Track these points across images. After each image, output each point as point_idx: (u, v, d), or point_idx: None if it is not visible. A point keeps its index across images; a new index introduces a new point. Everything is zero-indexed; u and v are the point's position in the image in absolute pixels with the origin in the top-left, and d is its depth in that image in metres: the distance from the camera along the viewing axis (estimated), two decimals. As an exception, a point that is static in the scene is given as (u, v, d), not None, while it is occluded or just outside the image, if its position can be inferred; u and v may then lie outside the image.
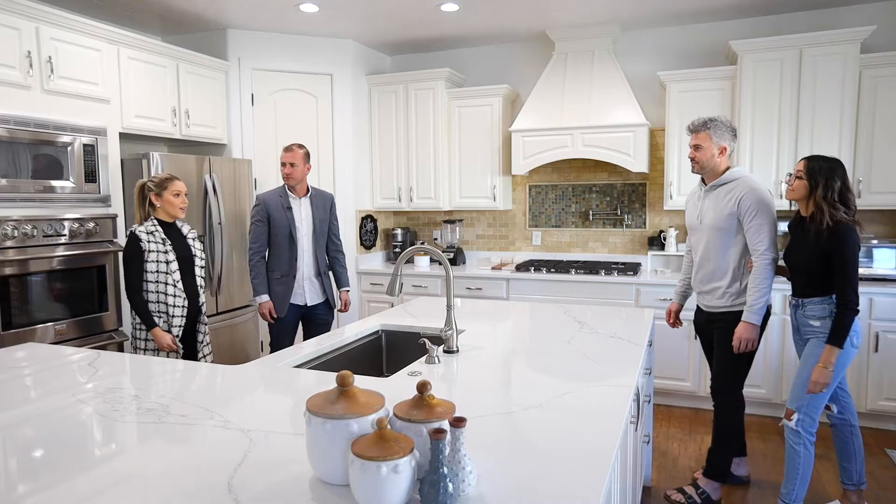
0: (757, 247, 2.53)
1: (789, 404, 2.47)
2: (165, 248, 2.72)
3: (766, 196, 2.57)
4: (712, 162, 2.65)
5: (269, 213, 3.26)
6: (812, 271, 2.41)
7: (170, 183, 2.76)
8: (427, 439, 1.10)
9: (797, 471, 2.42)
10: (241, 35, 4.24)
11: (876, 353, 3.48)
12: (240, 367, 1.91)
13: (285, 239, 3.28)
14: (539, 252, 4.83)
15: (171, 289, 2.72)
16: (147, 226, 2.73)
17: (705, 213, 2.70)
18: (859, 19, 3.83)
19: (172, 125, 3.78)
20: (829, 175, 2.36)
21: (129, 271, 2.69)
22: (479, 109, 4.57)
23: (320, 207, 3.39)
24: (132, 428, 1.39)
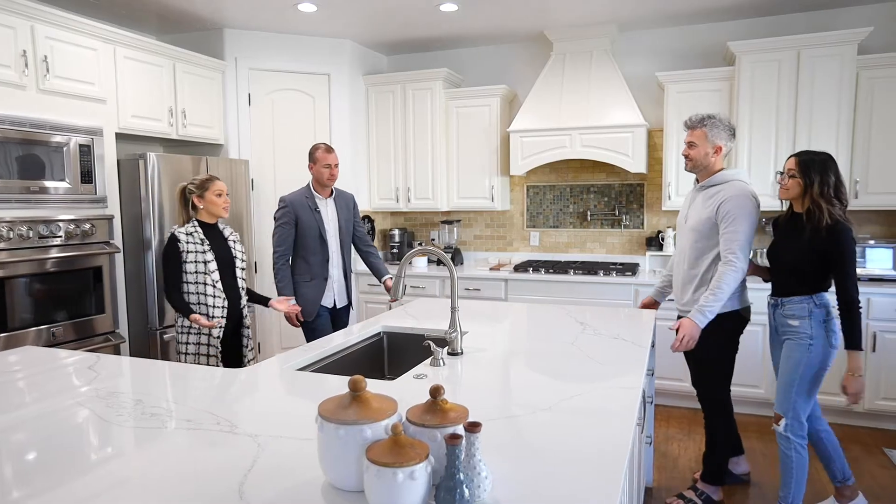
0: (727, 254, 2.45)
1: (777, 409, 2.45)
2: (204, 248, 2.68)
3: (750, 204, 2.47)
4: (706, 161, 2.58)
5: (298, 215, 3.16)
6: (800, 270, 2.38)
7: (211, 183, 2.71)
8: (441, 444, 1.08)
9: (792, 474, 2.41)
10: (238, 35, 4.21)
11: (874, 352, 3.49)
12: (242, 371, 1.89)
13: (315, 241, 3.19)
14: (537, 252, 4.83)
15: (209, 289, 2.68)
16: (187, 227, 2.69)
17: (690, 215, 2.64)
18: (856, 21, 3.85)
19: (169, 125, 3.75)
20: (822, 170, 2.32)
21: (166, 271, 2.66)
22: (477, 110, 4.56)
23: (343, 208, 3.33)
24: (136, 433, 1.37)
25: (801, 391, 2.39)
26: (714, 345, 2.58)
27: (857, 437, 3.49)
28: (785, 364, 2.41)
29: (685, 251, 2.65)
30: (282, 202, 3.19)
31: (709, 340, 2.57)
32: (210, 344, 2.71)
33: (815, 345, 2.35)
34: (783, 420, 2.41)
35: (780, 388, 2.44)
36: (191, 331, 2.70)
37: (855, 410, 3.59)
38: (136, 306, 3.51)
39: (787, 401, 2.41)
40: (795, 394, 2.39)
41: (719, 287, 2.44)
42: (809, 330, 2.37)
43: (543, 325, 2.53)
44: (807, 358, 2.36)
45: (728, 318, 2.56)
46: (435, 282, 4.48)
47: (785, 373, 2.41)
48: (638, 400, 1.59)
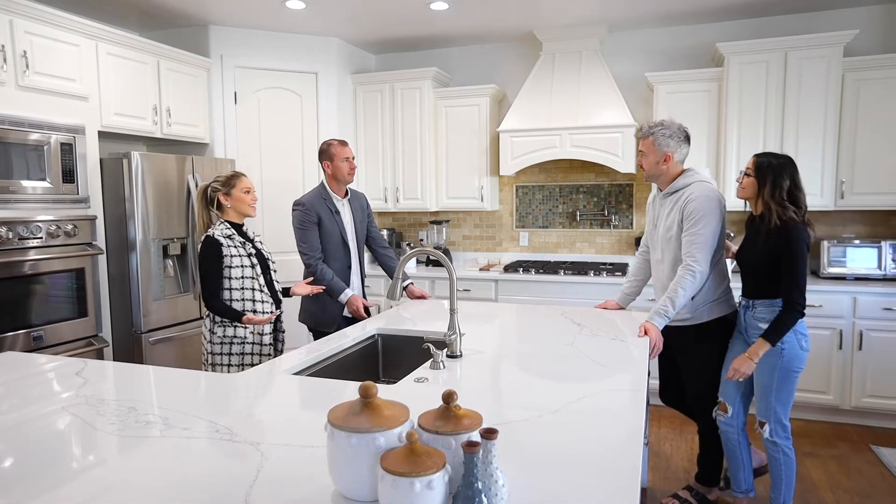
0: (687, 257, 2.40)
1: (758, 415, 2.43)
2: (247, 251, 2.52)
3: (714, 205, 2.41)
4: (656, 170, 2.53)
5: (320, 217, 2.92)
6: (759, 272, 2.38)
7: (237, 180, 2.54)
8: (456, 452, 1.05)
9: (781, 476, 2.41)
10: (223, 32, 4.13)
11: (860, 350, 3.54)
12: (237, 376, 1.84)
13: (338, 246, 2.98)
14: (526, 253, 4.82)
15: (258, 294, 2.51)
16: (221, 229, 2.49)
17: (660, 222, 2.60)
18: (842, 23, 3.90)
19: (153, 124, 3.67)
20: (777, 173, 2.31)
21: (208, 278, 2.44)
22: (467, 109, 4.53)
23: (358, 209, 3.13)
24: (131, 443, 1.31)
25: (779, 396, 2.37)
26: (707, 351, 2.57)
27: (845, 435, 3.54)
28: (761, 369, 2.38)
29: (662, 259, 2.60)
30: (300, 205, 2.93)
31: (701, 347, 2.56)
32: (261, 353, 2.55)
33: (786, 348, 2.32)
34: (766, 426, 2.40)
35: (759, 395, 2.42)
36: (234, 340, 2.50)
37: (840, 408, 3.63)
38: (119, 309, 3.42)
39: (767, 407, 2.39)
40: (775, 399, 2.37)
41: (676, 292, 2.39)
42: None
43: (539, 326, 2.51)
44: (781, 362, 2.34)
45: (718, 325, 2.54)
46: (424, 282, 4.44)
47: (762, 379, 2.39)
48: (644, 403, 1.58)
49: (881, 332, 3.50)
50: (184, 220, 3.60)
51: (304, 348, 2.21)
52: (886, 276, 3.65)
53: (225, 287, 2.48)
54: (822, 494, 2.86)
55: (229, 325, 2.49)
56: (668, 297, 2.41)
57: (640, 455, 1.25)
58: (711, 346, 2.57)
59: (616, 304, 2.88)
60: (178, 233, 3.57)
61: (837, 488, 2.92)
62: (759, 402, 2.43)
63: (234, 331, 2.50)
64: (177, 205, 3.55)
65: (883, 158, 3.67)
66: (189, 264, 3.64)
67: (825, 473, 3.07)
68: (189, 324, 3.64)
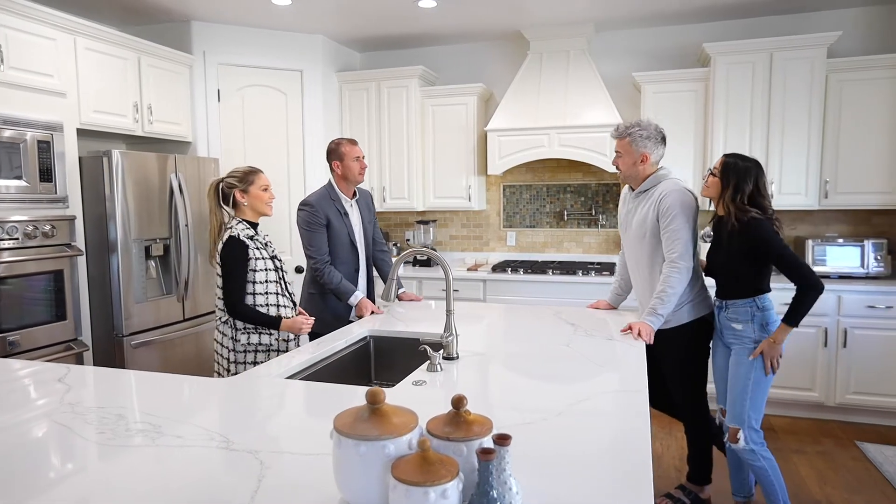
0: (670, 254, 2.39)
1: (730, 422, 2.40)
2: (269, 252, 2.41)
3: (688, 200, 2.40)
4: (633, 170, 2.51)
5: (329, 218, 2.81)
6: (727, 272, 2.37)
7: (255, 176, 2.39)
8: (467, 459, 1.02)
9: (771, 480, 2.38)
10: (206, 28, 4.05)
11: (844, 348, 3.58)
12: (229, 381, 1.78)
13: (346, 250, 2.87)
14: (514, 252, 4.81)
15: (281, 299, 2.40)
16: (242, 229, 2.36)
17: (631, 222, 2.57)
18: (826, 25, 3.95)
19: (134, 121, 3.57)
20: (740, 176, 2.29)
21: (234, 281, 2.30)
22: (454, 108, 4.50)
23: (365, 209, 3.03)
24: (123, 452, 1.26)
25: (753, 401, 2.35)
26: (690, 352, 2.55)
27: (830, 432, 3.58)
28: (736, 371, 2.37)
29: (637, 259, 2.58)
30: (308, 206, 2.81)
31: (683, 349, 2.54)
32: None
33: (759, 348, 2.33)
34: (740, 434, 2.36)
35: (732, 400, 2.39)
36: (258, 348, 2.38)
37: (825, 405, 3.68)
38: (100, 312, 3.32)
39: (741, 413, 2.36)
40: (750, 404, 2.35)
41: (664, 291, 2.38)
42: (752, 334, 2.34)
43: (533, 327, 2.49)
44: (756, 363, 2.32)
45: (698, 325, 2.53)
46: (412, 283, 4.40)
47: (736, 383, 2.37)
48: (646, 404, 1.56)
49: (865, 329, 3.55)
50: (166, 220, 3.51)
51: (296, 351, 2.15)
52: (869, 275, 3.70)
53: (248, 291, 2.35)
54: (811, 491, 2.89)
55: (254, 332, 2.37)
56: (658, 296, 2.40)
57: (650, 457, 1.23)
58: (694, 347, 2.55)
59: (607, 304, 2.87)
60: (160, 233, 3.48)
61: (826, 484, 2.95)
62: (731, 408, 2.40)
63: (260, 338, 2.38)
64: (159, 204, 3.46)
65: (865, 159, 3.72)
66: (172, 265, 3.55)
67: (813, 470, 3.10)
68: (172, 326, 3.55)
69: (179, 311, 3.61)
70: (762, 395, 2.37)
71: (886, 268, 3.71)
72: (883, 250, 3.72)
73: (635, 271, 2.64)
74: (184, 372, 3.58)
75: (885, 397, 3.56)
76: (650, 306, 2.39)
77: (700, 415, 2.61)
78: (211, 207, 2.42)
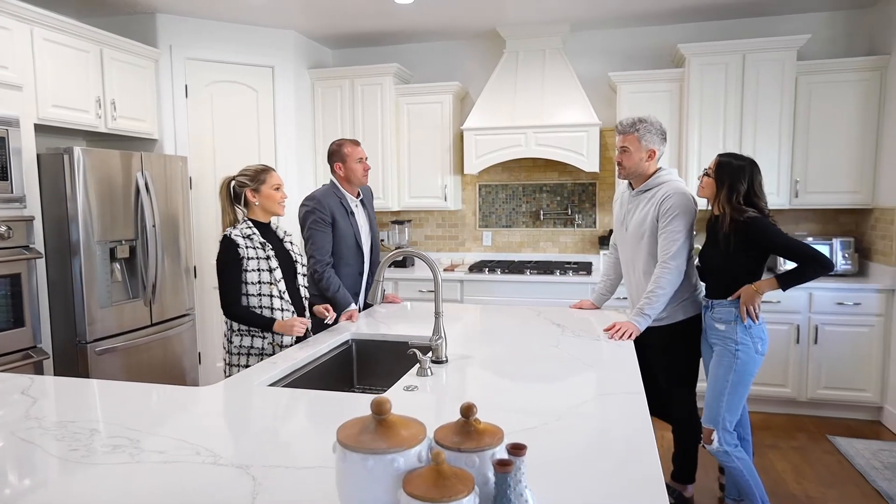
0: (663, 255, 2.39)
1: (706, 422, 2.39)
2: (266, 253, 2.29)
3: (689, 203, 2.41)
4: (640, 167, 2.49)
5: (335, 217, 2.70)
6: (720, 272, 2.37)
7: (267, 175, 2.31)
8: (479, 470, 0.97)
9: (747, 480, 2.39)
10: (172, 20, 3.89)
11: (815, 344, 3.66)
12: (209, 390, 1.69)
13: (351, 251, 2.76)
14: (490, 252, 4.77)
15: (277, 301, 2.28)
16: (242, 228, 2.28)
17: (630, 221, 2.57)
18: (796, 28, 4.03)
19: (97, 117, 3.40)
20: (734, 176, 2.29)
21: (227, 282, 2.23)
22: (430, 107, 4.44)
23: (368, 207, 2.93)
24: (101, 471, 1.16)
25: (730, 402, 2.35)
26: (683, 351, 2.56)
27: (802, 426, 3.65)
28: (715, 372, 2.38)
29: (634, 259, 2.57)
30: (313, 200, 2.70)
31: (677, 347, 2.55)
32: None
33: (741, 350, 2.32)
34: (714, 435, 2.35)
35: (709, 400, 2.39)
36: (251, 351, 2.28)
37: (797, 400, 3.75)
38: (61, 318, 3.15)
39: (717, 413, 2.36)
40: (725, 405, 2.34)
41: (654, 291, 2.37)
42: (735, 335, 2.33)
43: (519, 328, 2.45)
44: (736, 364, 2.32)
45: (691, 324, 2.54)
46: (388, 284, 4.33)
47: (715, 382, 2.37)
48: (646, 406, 1.54)
49: (835, 326, 3.63)
50: (132, 220, 3.35)
51: (277, 357, 2.07)
52: (838, 273, 3.79)
53: (242, 292, 2.26)
54: (788, 485, 2.93)
55: (247, 335, 2.28)
56: (647, 297, 2.39)
57: (658, 461, 1.20)
58: (687, 345, 2.57)
59: (591, 304, 2.86)
60: (126, 234, 3.32)
61: (802, 479, 3.00)
62: (708, 408, 2.39)
63: (252, 341, 2.28)
64: (124, 204, 3.31)
65: (833, 160, 3.81)
66: (138, 268, 3.39)
67: (788, 464, 3.15)
68: (139, 332, 3.40)
69: (146, 316, 3.45)
70: (739, 397, 2.37)
71: (854, 265, 3.80)
72: (850, 248, 3.82)
73: (630, 271, 2.62)
74: (151, 380, 3.44)
75: (853, 392, 3.65)
76: (638, 306, 2.38)
77: (689, 414, 2.61)
78: (223, 206, 2.34)
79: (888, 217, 3.64)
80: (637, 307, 2.39)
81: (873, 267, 3.80)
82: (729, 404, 2.36)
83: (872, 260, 3.83)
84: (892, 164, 3.61)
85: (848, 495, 2.84)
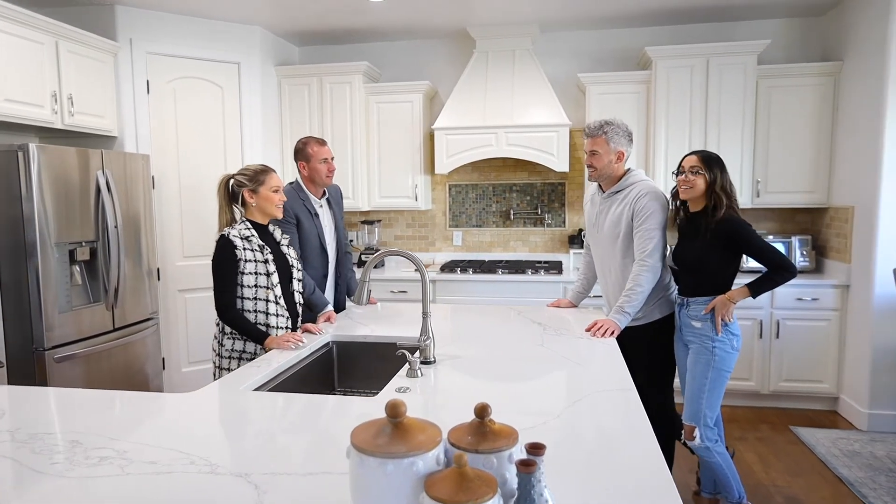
0: (640, 253, 2.43)
1: (686, 419, 2.44)
2: (264, 256, 2.21)
3: (663, 202, 2.46)
4: (609, 168, 2.52)
5: (299, 217, 2.65)
6: (704, 269, 2.40)
7: (266, 176, 2.25)
8: (498, 471, 0.95)
9: (726, 475, 2.44)
10: (131, 13, 3.74)
11: (777, 339, 3.80)
12: (192, 396, 1.62)
13: (315, 253, 2.71)
14: (460, 252, 4.77)
15: (272, 306, 2.20)
16: (240, 229, 2.20)
17: (603, 223, 2.59)
18: (757, 33, 4.17)
19: (53, 112, 3.23)
20: (722, 166, 2.36)
21: (223, 284, 2.15)
22: (400, 106, 4.41)
23: (335, 206, 2.87)
24: (92, 486, 1.09)
25: (710, 399, 2.39)
26: (661, 349, 2.60)
27: (765, 418, 3.78)
28: (693, 370, 2.42)
29: (611, 260, 2.59)
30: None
31: (654, 346, 2.58)
32: None
33: (718, 347, 2.36)
34: (696, 431, 2.40)
35: (689, 397, 2.43)
36: (243, 356, 2.21)
37: (760, 393, 3.88)
38: (16, 324, 2.97)
39: (697, 410, 2.40)
40: (706, 401, 2.39)
41: (633, 290, 2.41)
42: (711, 332, 2.38)
43: (501, 327, 2.45)
44: (714, 361, 2.37)
45: (668, 322, 2.58)
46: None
47: (694, 380, 2.42)
48: (640, 401, 1.55)
49: (795, 320, 3.77)
50: (92, 221, 3.20)
51: (259, 360, 2.00)
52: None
53: (238, 295, 2.18)
54: (757, 475, 3.03)
55: (239, 339, 2.20)
56: (627, 294, 2.42)
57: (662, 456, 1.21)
58: (663, 343, 2.61)
59: (569, 303, 2.89)
60: (86, 236, 3.17)
61: (770, 469, 3.10)
62: (689, 406, 2.44)
63: (244, 345, 2.20)
64: (83, 204, 3.15)
65: (791, 161, 3.96)
66: (100, 271, 3.24)
67: (756, 455, 3.25)
68: (100, 337, 3.25)
69: (108, 321, 3.30)
70: (718, 394, 2.42)
71: (811, 262, 3.96)
72: (808, 246, 3.98)
73: (605, 271, 2.65)
74: (113, 388, 3.29)
75: (812, 383, 3.81)
76: (618, 304, 2.41)
77: (665, 409, 2.66)
78: (220, 205, 2.27)
79: (842, 216, 3.80)
80: (617, 305, 2.42)
81: (829, 264, 3.97)
82: (709, 401, 2.40)
83: (828, 257, 4.00)
84: (845, 165, 3.78)
85: (813, 483, 2.95)
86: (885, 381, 3.49)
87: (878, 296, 3.45)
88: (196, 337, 4.07)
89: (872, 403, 3.52)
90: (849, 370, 3.70)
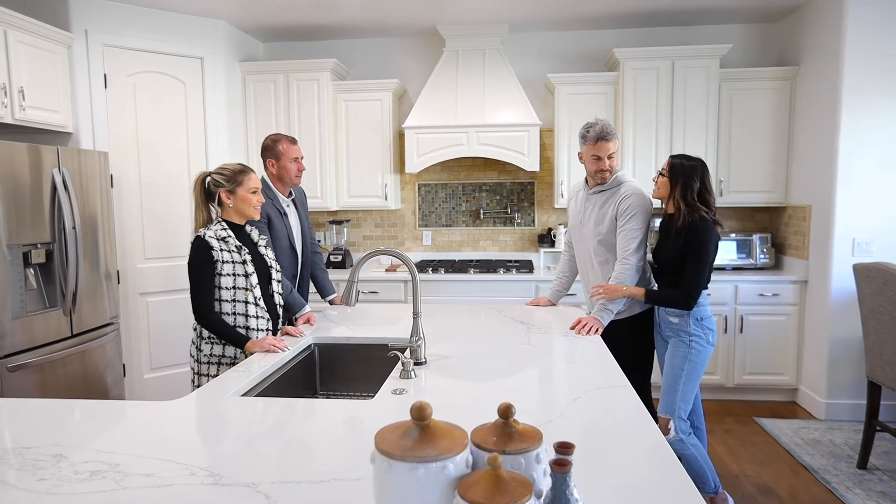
0: (623, 251, 2.49)
1: (662, 412, 2.49)
2: (242, 257, 2.13)
3: (647, 204, 2.53)
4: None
5: (269, 218, 2.58)
6: (672, 269, 2.47)
7: (244, 177, 2.17)
8: (527, 472, 0.93)
9: (700, 465, 2.49)
10: (86, 3, 3.55)
11: (741, 333, 3.92)
12: (176, 403, 1.54)
13: (285, 253, 2.65)
14: (430, 252, 4.74)
15: (252, 308, 2.13)
16: (216, 230, 2.12)
17: (588, 219, 2.64)
18: (719, 37, 4.29)
19: (2, 106, 3.04)
20: (687, 175, 2.41)
21: (200, 286, 2.07)
22: (369, 104, 4.34)
23: (300, 207, 2.82)
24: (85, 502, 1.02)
25: (684, 392, 2.45)
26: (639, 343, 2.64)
27: (731, 410, 3.90)
28: (670, 363, 2.48)
29: (594, 257, 2.63)
30: None
31: (633, 338, 2.63)
32: None
33: (694, 341, 2.43)
34: (671, 424, 2.45)
35: (666, 390, 2.49)
36: (222, 360, 2.13)
37: (726, 386, 4.00)
38: (-36, 332, 2.78)
39: (672, 403, 2.46)
40: (680, 395, 2.45)
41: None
42: (688, 328, 2.44)
43: (485, 327, 2.44)
44: (690, 354, 2.43)
45: (648, 316, 2.63)
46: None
47: (670, 373, 2.48)
48: (637, 397, 1.56)
49: (757, 315, 3.91)
50: (48, 222, 3.03)
51: (242, 365, 1.93)
52: (757, 266, 4.08)
53: (216, 298, 2.10)
54: (728, 466, 3.11)
55: (217, 343, 2.12)
56: None
57: (671, 450, 1.22)
58: (645, 336, 2.66)
59: (548, 301, 2.90)
60: (41, 237, 2.99)
61: (739, 459, 3.19)
62: (664, 398, 2.49)
63: (223, 349, 2.11)
64: (37, 204, 2.98)
65: (751, 161, 4.11)
66: (56, 274, 3.07)
67: (725, 447, 3.35)
68: (58, 344, 3.07)
69: (66, 327, 3.13)
70: (692, 387, 2.48)
71: (771, 259, 4.11)
72: (768, 244, 4.13)
73: (587, 268, 2.67)
74: (72, 397, 3.12)
75: (774, 376, 3.95)
76: (601, 302, 2.44)
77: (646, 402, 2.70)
78: (196, 203, 2.17)
79: (800, 214, 3.96)
80: (600, 303, 2.45)
81: (787, 261, 4.12)
82: (683, 394, 2.45)
83: (787, 254, 4.16)
84: (802, 165, 3.94)
85: (780, 472, 3.05)
86: (841, 372, 3.64)
87: (834, 290, 3.61)
88: (159, 342, 3.90)
89: (830, 393, 3.68)
90: (807, 362, 3.86)
